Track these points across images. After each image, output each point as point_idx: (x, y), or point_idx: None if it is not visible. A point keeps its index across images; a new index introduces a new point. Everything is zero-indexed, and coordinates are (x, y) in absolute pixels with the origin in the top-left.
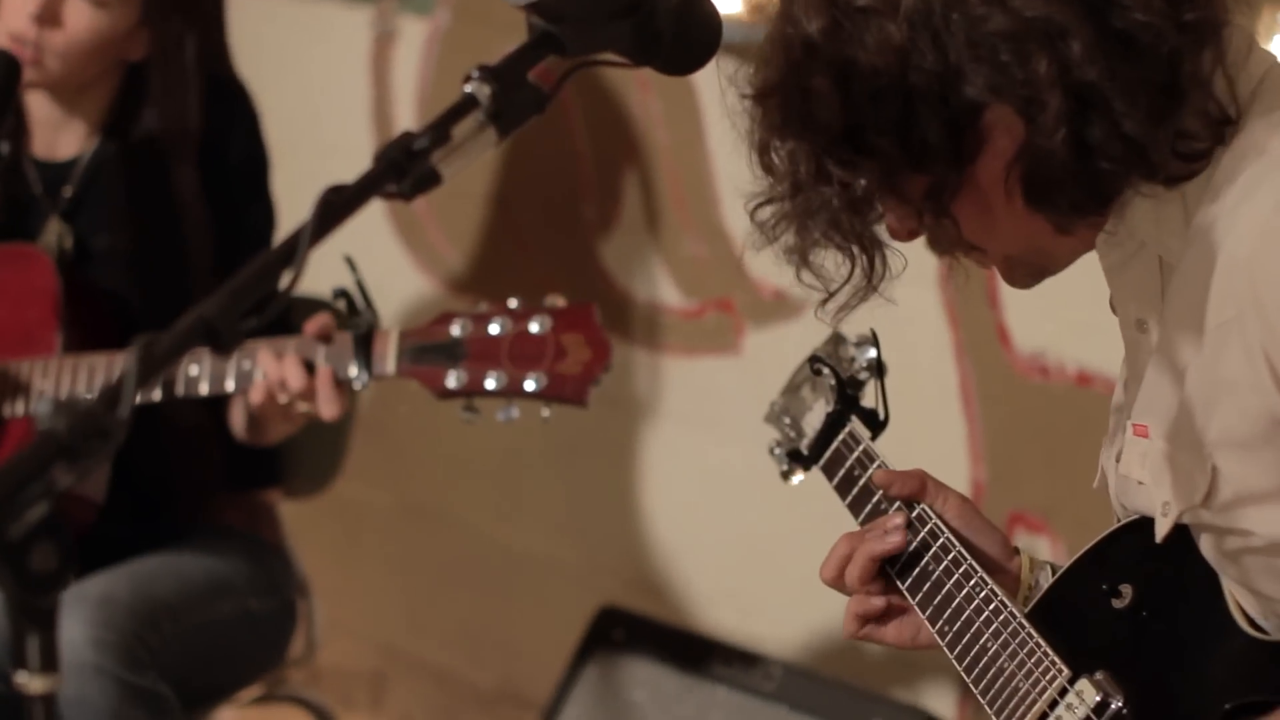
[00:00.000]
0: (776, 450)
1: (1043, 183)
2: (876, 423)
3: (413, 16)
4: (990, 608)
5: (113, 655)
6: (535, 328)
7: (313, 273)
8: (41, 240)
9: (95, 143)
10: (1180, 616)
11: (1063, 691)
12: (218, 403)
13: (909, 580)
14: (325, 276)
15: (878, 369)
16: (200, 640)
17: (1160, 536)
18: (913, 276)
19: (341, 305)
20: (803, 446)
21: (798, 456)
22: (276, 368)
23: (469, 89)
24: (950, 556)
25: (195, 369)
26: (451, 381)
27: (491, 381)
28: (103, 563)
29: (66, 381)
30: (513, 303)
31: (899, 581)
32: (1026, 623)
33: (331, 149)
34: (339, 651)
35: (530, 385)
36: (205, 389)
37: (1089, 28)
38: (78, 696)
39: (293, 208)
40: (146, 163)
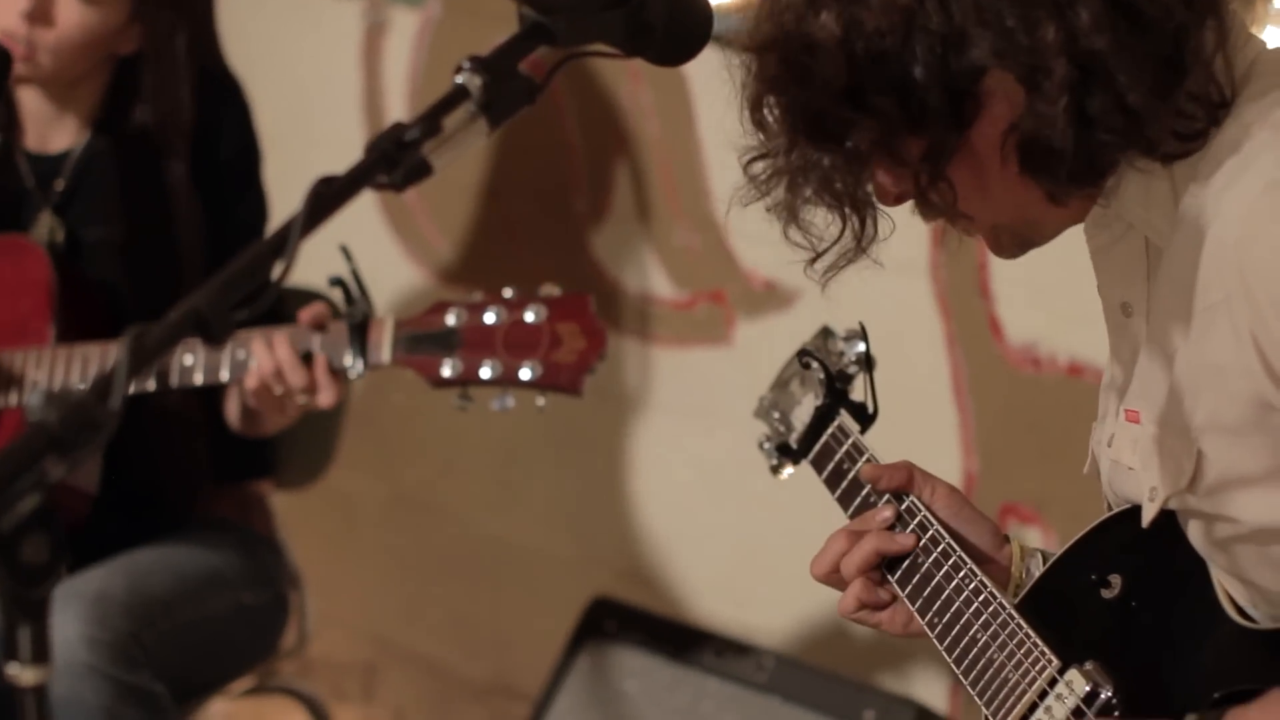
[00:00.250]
0: (766, 445)
1: (1041, 150)
2: (865, 416)
3: (404, 8)
4: (980, 599)
5: (107, 655)
6: (530, 317)
7: (306, 263)
8: (33, 233)
9: (87, 136)
10: (1169, 606)
11: (1052, 682)
12: (210, 394)
13: (899, 573)
14: (319, 267)
15: (866, 363)
16: (194, 636)
17: (1146, 521)
18: (904, 266)
19: (337, 294)
20: (792, 441)
21: (787, 451)
22: (271, 357)
23: (460, 80)
24: (940, 549)
25: (190, 359)
26: (447, 370)
27: (487, 370)
28: (96, 555)
29: (60, 372)
30: (508, 292)
31: (889, 574)
32: (1016, 614)
33: (323, 140)
34: (331, 642)
35: (525, 374)
36: (200, 379)
37: None
38: (72, 696)
39: (284, 199)
40: (138, 156)
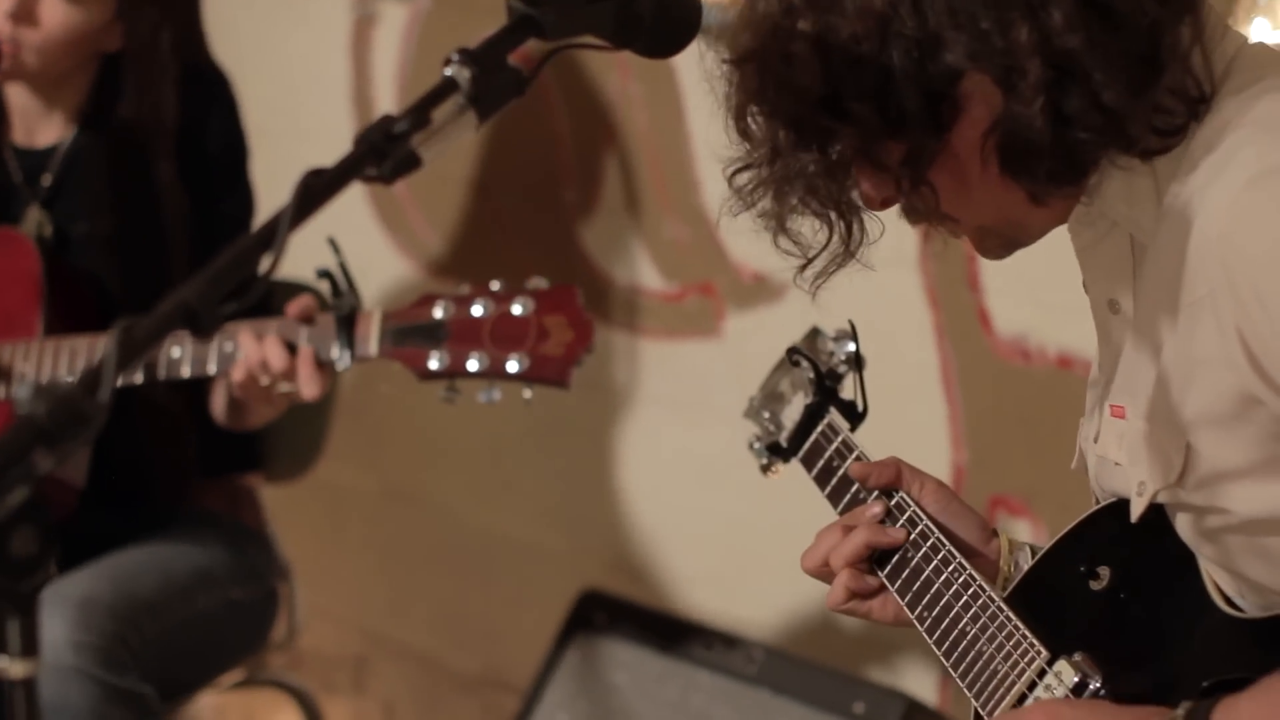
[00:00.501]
0: (756, 445)
1: (1019, 151)
2: (855, 414)
3: (392, 0)
4: (969, 592)
5: (93, 658)
6: (518, 309)
7: (293, 255)
8: (21, 228)
9: (74, 131)
10: (1157, 597)
11: (1041, 673)
12: (199, 387)
13: (888, 568)
14: (306, 259)
15: (856, 362)
16: (182, 635)
17: (1135, 516)
18: (893, 259)
19: (324, 287)
20: (782, 439)
21: (777, 449)
22: (257, 348)
23: (449, 72)
24: (929, 543)
25: (177, 351)
26: (434, 363)
27: (474, 363)
28: (84, 548)
29: (48, 364)
30: (495, 285)
31: (878, 569)
32: (1005, 606)
33: (312, 132)
34: (320, 636)
35: (513, 366)
36: (187, 371)
37: None
38: (59, 699)
39: (272, 191)
40: (125, 150)
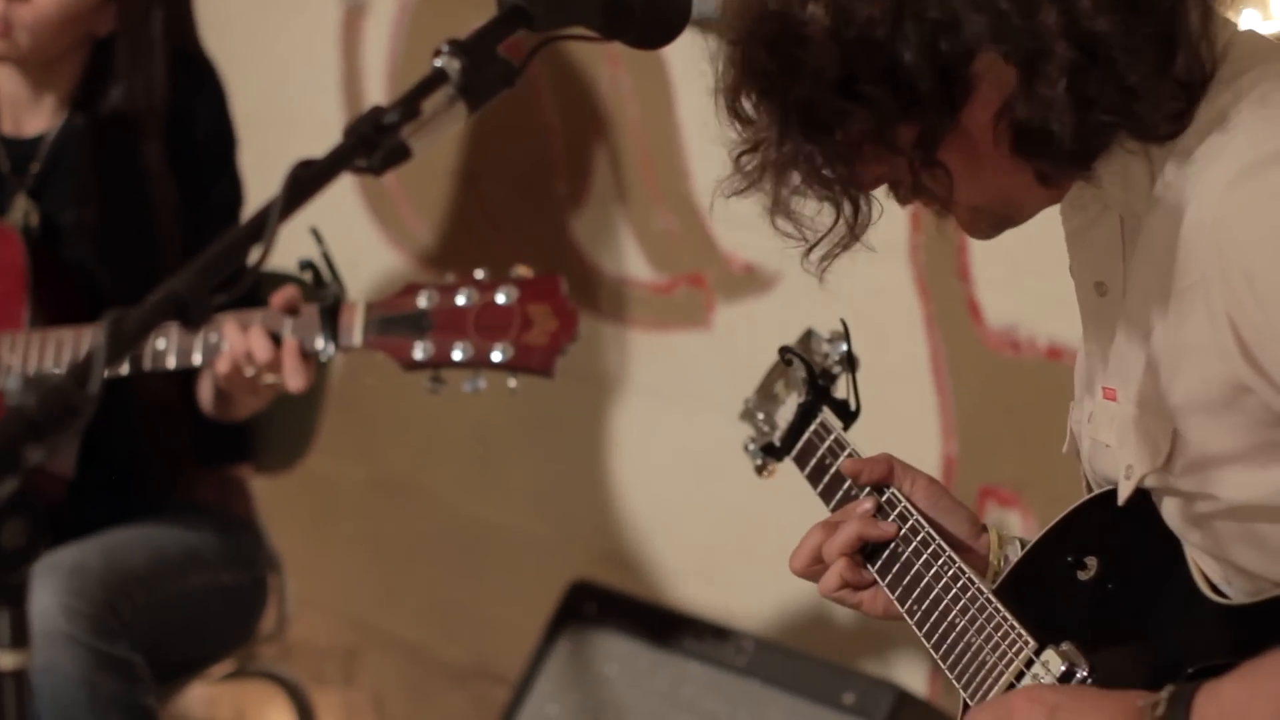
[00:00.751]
0: (751, 447)
1: (1038, 133)
2: (848, 413)
3: None
4: (958, 585)
5: (84, 624)
6: (501, 298)
7: (280, 246)
8: (8, 217)
9: (62, 119)
10: (1144, 585)
11: (1029, 663)
12: (187, 378)
13: (879, 562)
14: (291, 250)
15: (849, 362)
16: (172, 611)
17: (1122, 499)
18: (883, 249)
19: (308, 278)
20: (775, 439)
21: (771, 450)
22: (242, 339)
23: (439, 63)
24: (920, 538)
25: (162, 343)
26: (418, 353)
27: (458, 352)
28: (73, 539)
29: (35, 356)
30: (479, 274)
31: (869, 564)
32: (994, 598)
33: (301, 123)
34: (310, 627)
35: (497, 356)
36: (172, 363)
37: None
38: (49, 664)
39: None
40: (113, 138)
